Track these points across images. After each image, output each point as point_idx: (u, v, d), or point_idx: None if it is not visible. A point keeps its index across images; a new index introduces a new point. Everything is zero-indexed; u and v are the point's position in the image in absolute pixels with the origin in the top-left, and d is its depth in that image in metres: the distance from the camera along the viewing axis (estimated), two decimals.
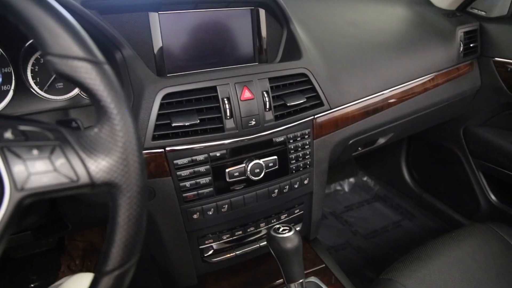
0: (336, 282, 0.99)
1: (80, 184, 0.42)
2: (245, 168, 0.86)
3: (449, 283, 1.04)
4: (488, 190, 1.59)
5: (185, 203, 0.85)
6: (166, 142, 0.79)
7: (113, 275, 0.45)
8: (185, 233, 0.88)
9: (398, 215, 1.95)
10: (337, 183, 2.13)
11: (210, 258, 0.95)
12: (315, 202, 1.04)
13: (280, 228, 0.81)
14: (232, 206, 0.89)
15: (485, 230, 1.21)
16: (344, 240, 1.80)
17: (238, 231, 0.95)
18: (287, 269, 0.81)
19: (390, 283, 1.03)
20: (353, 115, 1.05)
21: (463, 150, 1.62)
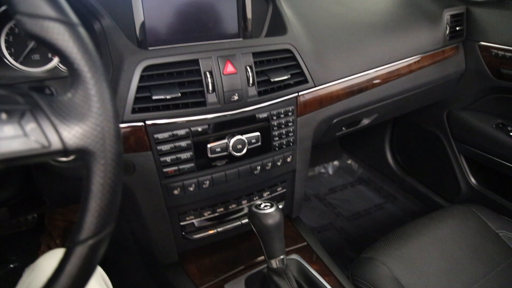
0: (317, 260, 1.00)
1: (52, 150, 0.41)
2: (227, 144, 0.85)
3: (428, 261, 1.06)
4: (469, 173, 1.61)
5: (165, 179, 0.83)
6: (146, 115, 0.78)
7: (87, 245, 0.44)
8: (166, 209, 0.87)
9: (381, 198, 1.97)
10: (321, 165, 2.14)
11: (191, 235, 0.94)
12: (298, 180, 1.03)
13: (262, 204, 0.80)
14: (214, 182, 0.88)
15: (464, 211, 1.23)
16: (327, 222, 1.81)
17: (220, 208, 0.94)
18: (268, 245, 0.80)
19: (371, 261, 1.05)
20: (337, 94, 1.04)
21: (446, 133, 1.63)
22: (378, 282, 0.98)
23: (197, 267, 0.97)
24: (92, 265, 0.46)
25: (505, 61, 1.34)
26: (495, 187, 1.55)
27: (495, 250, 1.13)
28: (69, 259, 0.43)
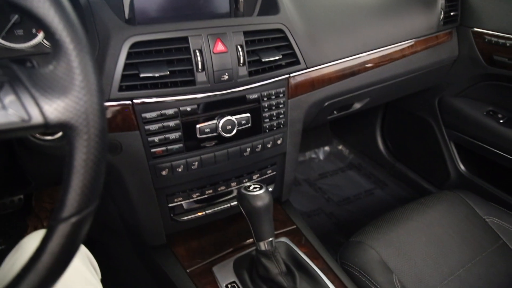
0: (306, 243, 1.00)
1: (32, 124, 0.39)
2: (217, 125, 0.84)
3: (416, 246, 1.06)
4: (458, 160, 1.61)
5: (153, 159, 0.82)
6: (134, 93, 0.76)
7: (70, 222, 0.42)
8: (153, 190, 0.86)
9: (370, 184, 1.98)
10: (312, 151, 2.14)
11: (179, 217, 0.93)
12: (288, 163, 1.02)
13: (251, 186, 0.80)
14: (203, 164, 0.86)
15: (453, 197, 1.23)
16: (317, 206, 1.81)
17: (209, 190, 0.93)
18: (257, 228, 0.80)
19: (359, 245, 1.05)
20: (329, 77, 1.03)
21: (437, 120, 1.63)
22: (366, 266, 0.99)
23: (185, 249, 0.96)
24: (75, 244, 0.44)
25: (498, 48, 1.33)
26: (484, 174, 1.56)
27: (482, 235, 1.14)
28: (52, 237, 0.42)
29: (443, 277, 1.02)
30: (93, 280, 0.73)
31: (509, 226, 1.17)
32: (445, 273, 1.03)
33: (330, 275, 0.91)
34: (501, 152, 1.40)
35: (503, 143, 1.38)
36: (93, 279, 0.73)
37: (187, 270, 0.91)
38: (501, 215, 1.21)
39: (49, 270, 0.42)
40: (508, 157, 1.37)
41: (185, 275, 0.90)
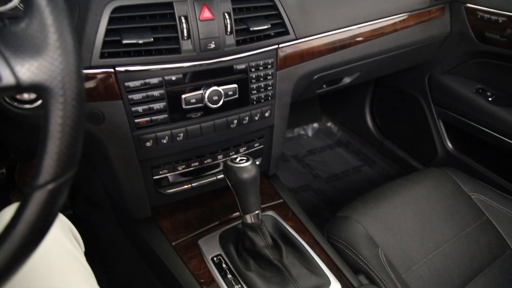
0: (293, 217, 0.99)
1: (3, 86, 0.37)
2: (203, 95, 0.81)
3: (402, 221, 1.07)
4: (446, 138, 1.62)
5: (137, 130, 0.79)
6: (116, 61, 0.73)
7: (46, 189, 0.40)
8: (138, 162, 0.84)
9: (358, 161, 1.98)
10: (301, 127, 2.13)
11: (164, 190, 0.91)
12: (275, 136, 1.01)
13: (237, 158, 0.78)
14: (188, 135, 0.84)
15: (439, 174, 1.24)
16: (305, 183, 1.82)
17: (195, 163, 0.91)
18: (243, 200, 0.79)
19: (346, 220, 1.05)
20: (319, 49, 1.00)
21: (426, 97, 1.62)
22: (352, 240, 0.99)
23: (170, 223, 0.95)
24: (52, 212, 0.43)
25: (490, 25, 1.32)
26: (471, 152, 1.57)
27: (467, 211, 1.16)
28: (27, 205, 0.40)
29: (427, 251, 1.03)
30: (75, 252, 0.71)
31: (493, 202, 1.18)
32: (430, 248, 1.04)
33: (317, 248, 0.91)
34: (488, 130, 1.40)
35: (490, 121, 1.38)
36: (75, 251, 0.71)
37: (173, 243, 0.90)
38: (486, 192, 1.22)
39: (24, 239, 0.41)
40: (495, 135, 1.37)
41: (170, 248, 0.89)
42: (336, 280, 0.84)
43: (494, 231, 1.13)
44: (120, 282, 1.24)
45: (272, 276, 0.81)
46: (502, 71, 1.43)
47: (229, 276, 0.82)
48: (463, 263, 1.04)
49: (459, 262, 1.04)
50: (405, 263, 0.99)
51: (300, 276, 0.81)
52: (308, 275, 0.82)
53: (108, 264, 1.28)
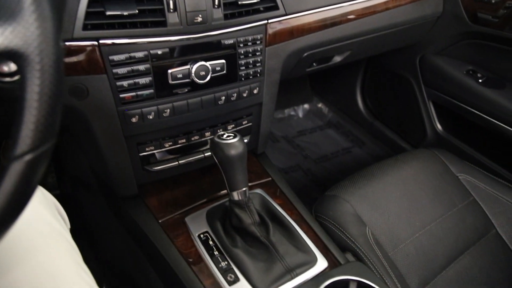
0: (281, 195, 0.99)
1: None
2: (190, 70, 0.80)
3: (390, 200, 1.07)
4: (436, 119, 1.62)
5: (122, 105, 0.78)
6: (100, 33, 0.70)
7: (23, 160, 0.39)
8: (123, 138, 0.82)
9: (349, 142, 1.98)
10: (291, 108, 2.12)
11: (151, 167, 0.90)
12: (264, 114, 1.00)
13: (225, 135, 0.77)
14: (175, 111, 0.83)
15: (428, 154, 1.25)
16: (295, 163, 1.82)
17: (182, 140, 0.90)
18: (230, 177, 0.78)
19: (334, 198, 1.05)
20: (309, 26, 0.99)
21: (417, 79, 1.62)
22: (340, 219, 1.00)
23: (157, 200, 0.94)
24: (31, 184, 0.41)
25: (483, 5, 1.31)
26: (459, 133, 1.57)
27: (454, 192, 1.16)
28: (4, 177, 0.39)
29: (414, 230, 1.04)
30: (60, 228, 0.70)
31: (480, 183, 1.19)
32: (416, 227, 1.05)
33: (304, 226, 0.91)
34: (477, 112, 1.40)
35: (480, 103, 1.39)
36: (60, 227, 0.70)
37: (159, 221, 0.89)
38: (473, 172, 1.23)
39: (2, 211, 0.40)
40: (484, 117, 1.38)
41: (157, 225, 0.89)
42: (323, 257, 0.84)
43: (480, 211, 1.14)
44: (108, 261, 1.24)
45: (258, 253, 0.81)
46: (493, 52, 1.42)
47: (216, 253, 0.82)
48: (449, 242, 1.05)
49: (445, 241, 1.05)
50: (392, 242, 1.00)
51: (286, 253, 0.81)
52: (295, 252, 0.82)
53: (96, 243, 1.27)
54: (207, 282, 0.78)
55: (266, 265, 0.79)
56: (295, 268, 0.79)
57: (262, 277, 0.77)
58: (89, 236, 1.27)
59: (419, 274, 0.97)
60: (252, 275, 0.77)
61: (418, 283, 0.96)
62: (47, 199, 0.73)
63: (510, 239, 1.11)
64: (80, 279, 0.64)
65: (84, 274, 0.65)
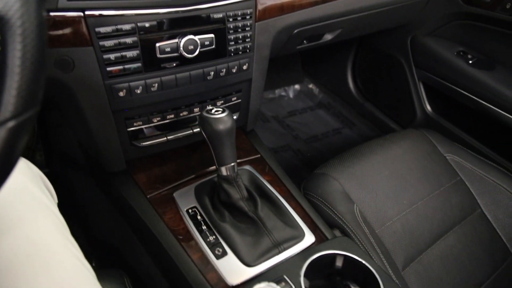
0: (270, 172, 0.99)
1: None
2: (178, 44, 0.78)
3: (378, 179, 1.08)
4: (426, 100, 1.63)
5: (109, 78, 0.77)
6: (86, 3, 0.69)
7: (6, 127, 0.38)
8: (111, 113, 0.81)
9: (339, 123, 1.99)
10: (282, 88, 2.11)
11: (139, 142, 0.89)
12: (254, 91, 0.99)
13: (213, 110, 0.77)
14: (163, 86, 0.82)
15: (417, 134, 1.25)
16: (285, 143, 1.82)
17: (170, 115, 0.89)
18: (219, 152, 0.78)
19: (323, 176, 1.06)
20: (300, 2, 0.97)
21: (408, 59, 1.62)
22: (328, 196, 1.00)
23: (146, 176, 0.94)
24: (13, 152, 0.41)
25: None
26: (448, 114, 1.58)
27: (442, 172, 1.18)
28: None
29: (401, 208, 1.05)
30: (47, 202, 0.70)
31: (467, 163, 1.21)
32: (404, 205, 1.06)
33: (292, 202, 0.92)
34: (466, 93, 1.41)
35: (469, 84, 1.39)
36: (47, 201, 0.70)
37: (148, 196, 0.89)
38: (461, 153, 1.24)
39: None
40: (473, 98, 1.38)
41: (145, 200, 0.88)
42: (311, 233, 0.85)
43: (466, 191, 1.16)
44: (97, 238, 1.24)
45: (246, 227, 0.82)
46: (484, 33, 1.42)
47: (204, 227, 0.82)
48: (435, 220, 1.07)
49: (431, 219, 1.07)
50: (379, 219, 1.01)
51: (274, 228, 0.82)
52: (283, 227, 0.83)
53: (85, 220, 1.27)
54: (195, 256, 0.79)
55: (253, 239, 0.79)
56: (283, 243, 0.80)
57: (249, 251, 0.77)
58: (79, 214, 1.27)
59: (405, 251, 0.98)
60: (240, 249, 0.77)
61: (403, 260, 0.97)
62: (33, 173, 0.73)
63: (494, 218, 1.13)
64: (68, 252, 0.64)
65: (72, 247, 0.65)
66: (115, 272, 0.88)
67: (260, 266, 0.76)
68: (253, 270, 0.76)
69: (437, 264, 1.01)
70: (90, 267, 0.65)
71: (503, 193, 1.16)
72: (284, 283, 0.71)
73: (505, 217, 1.14)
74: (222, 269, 0.76)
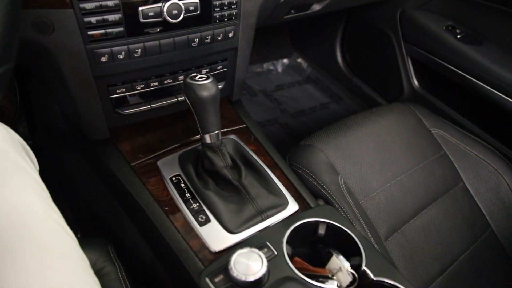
0: (255, 141, 0.99)
1: None
2: (162, 8, 0.76)
3: (364, 151, 1.09)
4: (413, 75, 1.63)
5: (91, 43, 0.75)
6: None
7: None
8: (93, 79, 0.80)
9: (326, 98, 1.98)
10: (271, 62, 2.09)
11: (122, 110, 0.88)
12: (239, 60, 0.98)
13: (197, 76, 0.75)
14: (147, 52, 0.80)
15: (403, 108, 1.26)
16: (272, 117, 1.82)
17: (154, 82, 0.88)
18: (202, 119, 0.77)
19: (309, 147, 1.06)
20: None
21: (396, 33, 1.61)
22: (314, 167, 1.01)
23: (130, 145, 0.93)
24: None
25: None
26: (435, 90, 1.59)
27: (426, 145, 1.19)
28: None
29: (386, 180, 1.06)
30: (27, 168, 0.68)
31: (452, 138, 1.22)
32: (388, 177, 1.07)
33: (277, 171, 0.92)
34: (454, 68, 1.41)
35: (456, 59, 1.39)
36: (27, 167, 0.68)
37: (131, 164, 0.88)
38: (446, 127, 1.25)
39: None
40: (460, 73, 1.39)
41: (129, 168, 0.88)
42: (294, 201, 0.85)
43: (449, 165, 1.17)
44: (83, 209, 1.24)
45: (230, 195, 0.82)
46: (473, 8, 1.42)
47: (187, 195, 0.82)
48: (418, 193, 1.08)
49: (415, 191, 1.08)
50: (363, 191, 1.02)
51: (258, 196, 0.82)
52: (266, 195, 0.83)
53: (70, 191, 1.26)
54: (178, 223, 0.79)
55: (237, 207, 0.79)
56: (266, 210, 0.80)
57: (233, 218, 0.78)
58: (64, 186, 1.26)
59: (388, 222, 1.00)
60: (223, 216, 0.78)
61: (386, 230, 0.99)
62: (12, 138, 0.71)
63: (476, 192, 1.15)
64: (49, 217, 0.63)
65: (53, 213, 0.64)
66: (99, 240, 0.88)
67: (243, 233, 0.77)
68: (236, 237, 0.76)
69: (418, 235, 1.03)
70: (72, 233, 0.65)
71: (486, 167, 1.18)
72: (266, 249, 0.72)
73: (486, 191, 1.16)
74: (205, 235, 0.76)
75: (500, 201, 1.15)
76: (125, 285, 0.80)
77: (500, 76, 1.28)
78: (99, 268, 0.82)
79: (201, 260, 0.73)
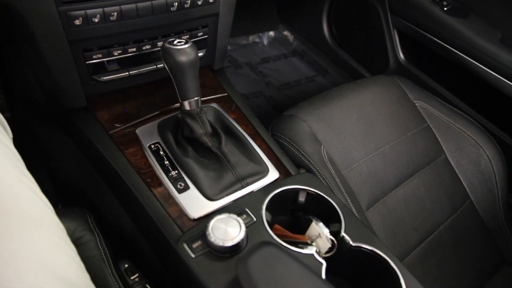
0: (236, 110, 0.97)
1: None
2: None
3: (347, 122, 1.08)
4: (399, 48, 1.61)
5: (63, 4, 0.71)
6: None
7: None
8: (67, 43, 0.77)
9: (312, 71, 1.96)
10: (256, 35, 2.05)
11: (99, 76, 0.85)
12: (221, 26, 0.95)
13: (176, 41, 0.73)
14: (123, 16, 0.77)
15: (388, 80, 1.25)
16: (257, 90, 1.80)
17: (132, 48, 0.85)
18: (181, 85, 0.75)
19: (291, 118, 1.05)
20: None
21: (384, 6, 1.59)
22: (296, 137, 1.00)
23: (108, 113, 0.90)
24: None
25: None
26: (420, 63, 1.58)
27: (410, 118, 1.19)
28: None
29: (368, 151, 1.06)
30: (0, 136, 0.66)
31: (435, 111, 1.22)
32: (370, 148, 1.07)
33: (258, 140, 0.91)
34: (440, 41, 1.40)
35: (443, 32, 1.38)
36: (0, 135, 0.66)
37: (109, 133, 0.86)
38: (430, 100, 1.25)
39: None
40: (446, 46, 1.38)
41: (107, 137, 0.86)
42: (275, 169, 0.85)
43: (432, 137, 1.18)
44: (62, 181, 1.22)
45: (210, 163, 0.81)
46: None
47: (166, 162, 0.81)
48: (400, 164, 1.09)
49: (397, 163, 1.09)
50: (345, 161, 1.02)
51: (238, 164, 0.81)
52: (247, 162, 0.82)
53: (50, 165, 1.24)
54: (157, 190, 0.78)
55: (216, 174, 0.79)
56: (246, 178, 0.80)
57: (212, 185, 0.77)
58: (43, 159, 1.24)
59: (370, 193, 1.00)
60: (202, 184, 0.77)
61: (368, 201, 0.99)
62: None
63: (457, 164, 1.16)
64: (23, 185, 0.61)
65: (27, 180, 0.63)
66: (78, 210, 0.86)
67: (222, 200, 0.76)
68: (215, 204, 0.75)
69: (399, 206, 1.04)
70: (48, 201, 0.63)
71: (467, 140, 1.18)
72: (245, 215, 0.72)
73: (467, 163, 1.17)
74: (184, 202, 0.75)
75: (480, 173, 1.16)
76: (104, 254, 0.79)
77: (484, 49, 1.28)
78: (78, 237, 0.81)
79: (180, 227, 0.73)
